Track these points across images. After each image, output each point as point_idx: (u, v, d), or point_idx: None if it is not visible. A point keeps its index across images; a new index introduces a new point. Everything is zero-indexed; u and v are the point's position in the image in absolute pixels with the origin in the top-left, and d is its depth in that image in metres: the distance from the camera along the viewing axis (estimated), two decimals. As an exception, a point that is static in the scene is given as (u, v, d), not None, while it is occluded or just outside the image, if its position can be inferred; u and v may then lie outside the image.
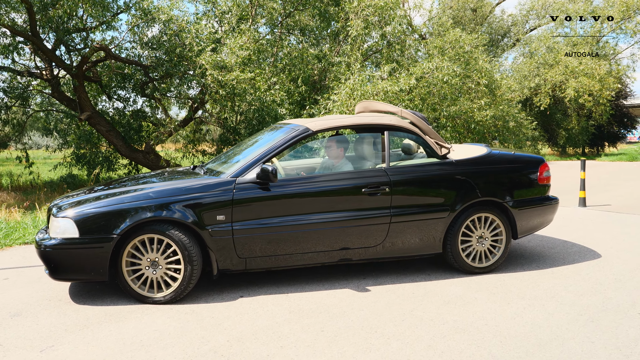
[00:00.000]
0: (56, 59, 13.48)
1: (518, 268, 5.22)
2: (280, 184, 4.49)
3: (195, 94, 15.36)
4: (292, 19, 16.83)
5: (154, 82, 14.37)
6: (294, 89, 15.91)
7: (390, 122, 4.93)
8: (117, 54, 14.11)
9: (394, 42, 15.93)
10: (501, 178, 5.07)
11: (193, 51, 13.51)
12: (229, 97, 13.65)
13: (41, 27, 13.41)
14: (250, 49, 14.07)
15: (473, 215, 4.95)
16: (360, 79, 14.23)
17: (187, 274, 4.27)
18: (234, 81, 13.17)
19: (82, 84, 13.98)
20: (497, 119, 17.45)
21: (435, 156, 4.98)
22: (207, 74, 13.09)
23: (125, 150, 14.47)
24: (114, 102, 15.67)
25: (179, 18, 14.05)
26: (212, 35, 14.46)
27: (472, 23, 24.56)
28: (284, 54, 16.49)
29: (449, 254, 4.94)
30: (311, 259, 4.63)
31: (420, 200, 4.79)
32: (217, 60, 13.30)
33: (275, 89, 14.42)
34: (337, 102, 14.32)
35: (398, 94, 14.57)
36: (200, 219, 4.28)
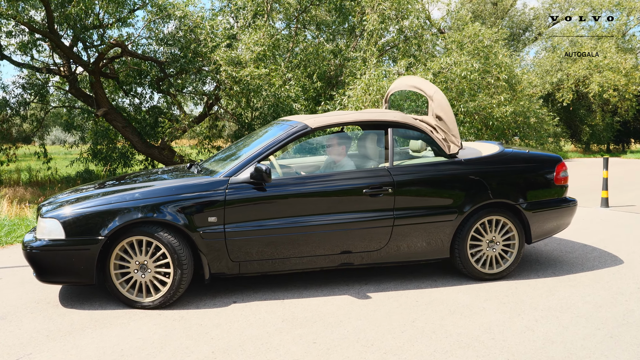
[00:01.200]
0: (73, 56, 13.43)
1: (532, 274, 4.85)
2: (276, 184, 4.21)
3: (210, 90, 15.20)
4: (308, 14, 16.52)
5: (169, 78, 14.24)
6: (309, 84, 15.62)
7: (394, 118, 4.60)
8: (133, 51, 14.01)
9: (411, 36, 15.50)
10: (514, 178, 4.71)
11: (208, 47, 13.32)
12: (243, 93, 13.45)
13: (59, 25, 13.37)
14: (265, 44, 13.82)
15: (483, 218, 4.60)
16: (376, 74, 13.87)
17: (176, 279, 4.02)
18: (248, 77, 12.96)
19: (99, 80, 13.91)
20: (517, 115, 16.90)
21: (443, 155, 4.64)
22: (222, 70, 12.90)
23: (141, 146, 14.38)
24: (131, 98, 15.60)
25: (194, 14, 13.88)
26: (227, 31, 14.26)
27: (492, 17, 23.88)
28: (300, 50, 16.19)
29: (457, 259, 4.61)
30: (310, 263, 4.35)
31: (425, 201, 4.46)
32: (232, 57, 13.10)
33: (290, 85, 14.15)
34: (352, 97, 13.99)
35: (415, 89, 14.15)
36: (190, 221, 4.03)
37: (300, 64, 15.79)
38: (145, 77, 14.67)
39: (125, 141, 14.88)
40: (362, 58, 15.06)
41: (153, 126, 14.98)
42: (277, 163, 4.55)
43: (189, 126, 13.71)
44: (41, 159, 14.24)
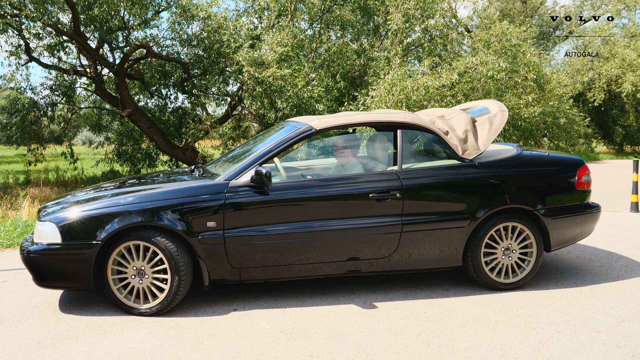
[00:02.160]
0: (99, 57, 13.50)
1: (552, 284, 4.55)
2: (278, 188, 4.02)
3: (234, 90, 15.13)
4: (332, 14, 16.32)
5: (193, 79, 14.22)
6: (332, 84, 15.42)
7: (404, 119, 4.36)
8: (157, 52, 14.03)
9: (437, 35, 15.14)
10: (532, 183, 4.41)
11: (231, 48, 13.25)
12: (266, 93, 13.34)
13: (85, 27, 13.47)
14: (288, 45, 13.68)
15: (498, 225, 4.32)
16: (400, 73, 13.57)
17: (173, 285, 3.86)
18: (271, 78, 12.84)
19: (124, 81, 13.96)
20: (546, 115, 16.37)
21: (456, 158, 4.37)
22: (244, 71, 12.81)
23: (165, 146, 14.38)
24: (155, 99, 15.64)
25: (217, 15, 13.83)
26: (250, 32, 14.17)
27: (521, 15, 23.21)
28: (324, 50, 16.00)
29: (470, 267, 4.34)
30: (314, 271, 4.14)
31: (436, 207, 4.20)
32: (254, 57, 13.00)
33: (313, 85, 13.98)
34: (375, 98, 13.74)
35: (440, 89, 13.83)
36: (188, 226, 3.87)
37: (323, 64, 15.59)
38: (170, 78, 14.69)
39: (150, 142, 14.91)
40: (385, 58, 14.78)
41: (177, 127, 14.98)
42: (281, 166, 4.35)
43: (212, 127, 13.65)
44: (68, 159, 14.36)
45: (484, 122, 4.52)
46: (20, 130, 13.45)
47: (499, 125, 4.47)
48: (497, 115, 4.53)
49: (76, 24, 12.63)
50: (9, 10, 11.37)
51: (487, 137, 4.43)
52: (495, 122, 4.49)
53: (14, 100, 13.89)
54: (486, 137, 4.44)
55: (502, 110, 4.60)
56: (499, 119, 4.50)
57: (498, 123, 4.48)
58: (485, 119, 4.54)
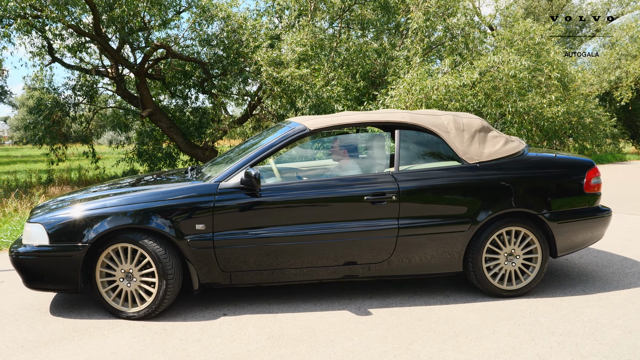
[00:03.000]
0: (119, 57, 13.61)
1: (558, 292, 4.31)
2: (269, 190, 3.89)
3: (253, 90, 15.09)
4: (352, 13, 16.15)
5: (212, 79, 14.23)
6: (352, 84, 15.24)
7: (402, 119, 4.18)
8: (177, 52, 14.07)
9: (458, 34, 14.82)
10: (537, 185, 4.18)
11: (249, 47, 13.21)
12: (285, 92, 13.27)
13: (106, 27, 13.59)
14: (307, 44, 13.57)
15: (501, 229, 4.11)
16: (419, 73, 13.31)
17: (161, 289, 3.77)
18: (289, 77, 12.75)
19: (144, 81, 14.04)
20: (571, 115, 15.87)
21: (457, 159, 4.18)
22: (262, 71, 12.75)
23: (185, 146, 14.43)
24: (177, 99, 15.71)
25: (237, 15, 13.81)
26: (270, 32, 14.11)
27: (546, 13, 22.61)
28: (344, 49, 15.84)
29: (471, 273, 4.14)
30: (309, 275, 4.00)
31: (434, 210, 4.01)
32: (273, 57, 12.93)
33: (332, 85, 13.83)
34: (394, 97, 13.51)
35: (460, 88, 13.52)
36: (177, 228, 3.77)
37: (343, 63, 15.43)
38: (190, 78, 14.73)
39: (170, 141, 14.99)
40: (405, 57, 14.53)
41: (197, 127, 15.02)
42: (275, 167, 4.23)
43: (230, 127, 13.63)
44: (90, 158, 14.53)
45: (500, 139, 4.30)
46: (43, 129, 13.66)
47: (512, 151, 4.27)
48: (517, 145, 4.33)
49: (97, 24, 12.74)
50: (30, 11, 11.51)
51: (494, 152, 4.21)
52: (511, 147, 4.27)
53: (38, 101, 14.11)
54: (494, 152, 4.21)
55: (522, 143, 4.43)
56: (516, 147, 4.30)
57: (512, 149, 4.27)
58: (504, 137, 4.32)
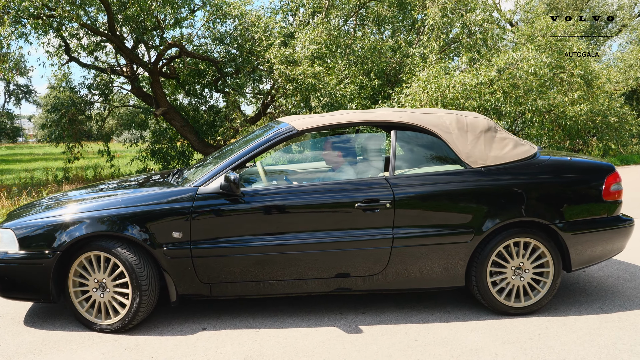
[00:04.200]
0: (133, 56, 13.45)
1: (572, 309, 3.87)
2: (251, 195, 3.54)
3: (267, 89, 14.81)
4: (368, 9, 15.73)
5: (225, 77, 13.99)
6: (366, 82, 14.82)
7: (399, 118, 3.79)
8: (190, 51, 13.86)
9: (476, 30, 14.28)
10: (549, 192, 3.75)
11: (262, 45, 12.93)
12: (299, 91, 12.95)
13: (122, 26, 13.46)
14: (321, 42, 13.22)
15: (508, 240, 3.69)
16: (435, 70, 12.84)
17: (135, 301, 3.46)
18: (302, 75, 12.43)
19: (158, 80, 13.87)
20: (595, 114, 15.17)
21: (459, 163, 3.77)
22: (275, 69, 12.46)
23: (198, 145, 14.22)
24: (191, 98, 15.52)
25: (250, 13, 13.54)
26: (283, 29, 13.80)
27: (570, 8, 21.77)
28: (357, 47, 15.43)
29: (475, 288, 3.73)
30: (296, 288, 3.65)
31: (433, 219, 3.62)
32: (285, 55, 12.63)
33: (345, 83, 13.45)
34: (409, 95, 13.06)
35: (478, 86, 13.00)
36: (152, 236, 3.45)
37: (357, 61, 15.03)
38: (204, 77, 14.52)
39: (184, 140, 14.80)
40: (420, 54, 14.06)
41: (211, 125, 14.81)
42: (262, 170, 3.88)
43: (241, 125, 13.35)
44: (105, 156, 14.43)
45: (509, 141, 3.87)
46: (59, 128, 13.60)
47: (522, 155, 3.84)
48: (527, 149, 3.90)
49: (111, 23, 12.59)
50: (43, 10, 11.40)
51: (501, 155, 3.79)
52: (521, 151, 3.84)
53: (55, 99, 14.05)
54: (501, 155, 3.79)
55: (533, 147, 3.99)
56: (526, 151, 3.87)
57: (522, 153, 3.84)
58: (513, 140, 3.89)
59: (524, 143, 3.96)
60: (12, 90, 36.97)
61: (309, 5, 15.17)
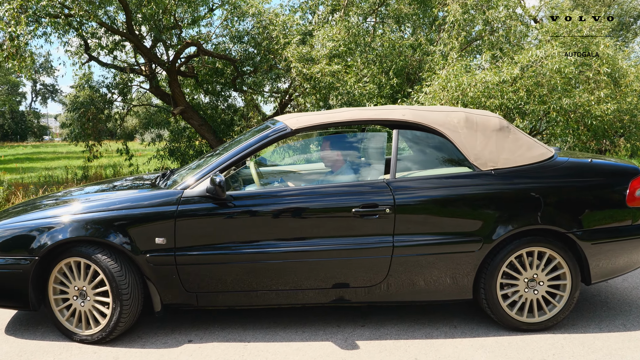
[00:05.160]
0: (151, 55, 13.37)
1: (592, 325, 3.50)
2: (239, 199, 3.27)
3: (285, 87, 14.59)
4: (388, 7, 15.36)
5: (243, 76, 13.81)
6: (385, 81, 14.46)
7: (402, 116, 3.47)
8: (208, 50, 13.72)
9: (499, 27, 13.79)
10: (566, 197, 3.39)
11: (280, 44, 12.71)
12: (316, 89, 12.70)
13: (142, 25, 13.41)
14: (339, 40, 12.94)
15: (520, 250, 3.35)
16: (455, 68, 12.41)
17: (116, 311, 3.22)
18: (319, 74, 12.17)
19: (176, 79, 13.76)
20: (622, 113, 14.51)
21: (467, 165, 3.44)
22: (292, 67, 12.22)
23: (216, 144, 14.06)
24: (210, 97, 15.40)
25: (267, 11, 13.34)
26: (300, 28, 13.57)
27: (597, 4, 20.98)
28: (376, 44, 15.09)
29: (484, 301, 3.40)
30: (289, 298, 3.37)
31: (437, 226, 3.30)
32: (303, 53, 12.38)
33: (364, 82, 13.14)
34: (428, 94, 12.67)
35: (500, 85, 12.52)
36: (134, 242, 3.21)
37: (376, 59, 14.68)
38: (222, 76, 14.38)
39: (202, 139, 14.68)
40: (440, 52, 13.64)
41: (229, 124, 14.66)
42: (256, 172, 3.61)
43: (257, 124, 13.14)
44: (124, 155, 14.39)
45: (523, 142, 3.52)
46: (79, 127, 13.62)
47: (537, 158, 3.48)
48: (544, 152, 3.54)
49: (129, 22, 12.52)
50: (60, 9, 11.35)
51: (514, 157, 3.44)
52: (536, 153, 3.49)
53: (74, 98, 14.07)
54: (514, 157, 3.44)
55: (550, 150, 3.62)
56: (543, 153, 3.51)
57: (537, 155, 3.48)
58: (528, 141, 3.54)
59: (540, 145, 3.60)
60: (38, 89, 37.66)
61: (328, 3, 14.90)
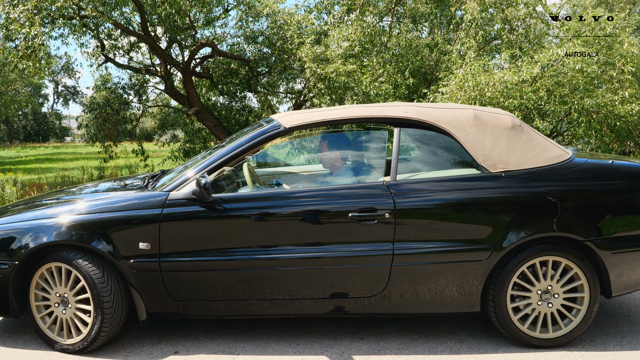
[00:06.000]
0: (166, 56, 13.29)
1: (612, 342, 3.19)
2: (226, 201, 3.04)
3: (299, 88, 14.40)
4: (404, 6, 15.06)
5: (257, 77, 13.66)
6: (401, 81, 14.15)
7: (404, 114, 3.20)
8: (222, 50, 13.60)
9: (518, 26, 13.38)
10: (584, 201, 3.08)
11: (294, 43, 12.52)
12: (331, 90, 12.47)
13: (158, 26, 13.36)
14: (354, 39, 12.70)
15: (533, 259, 3.05)
16: (472, 68, 12.05)
17: (97, 320, 3.02)
18: (334, 74, 11.94)
19: (190, 79, 13.68)
20: (649, 113, 13.95)
21: (475, 166, 3.16)
22: (306, 67, 12.02)
23: (230, 145, 13.95)
24: (225, 97, 15.28)
25: (282, 10, 13.17)
26: (315, 27, 13.37)
27: (622, 2, 20.30)
28: (392, 44, 14.80)
29: (492, 314, 3.11)
30: (284, 309, 3.13)
31: (441, 233, 3.02)
32: (317, 53, 12.17)
33: (379, 82, 12.86)
34: (445, 94, 12.33)
35: (519, 85, 12.12)
36: (116, 247, 3.01)
37: (392, 59, 14.38)
38: (236, 76, 14.25)
39: (217, 140, 14.56)
40: (457, 51, 13.28)
41: (243, 125, 14.52)
42: (249, 174, 3.37)
43: (268, 125, 12.97)
44: (139, 156, 14.35)
45: (537, 142, 3.22)
46: (95, 127, 13.62)
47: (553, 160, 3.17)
48: (560, 153, 3.23)
49: (144, 23, 12.45)
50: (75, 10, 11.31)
51: (527, 159, 3.14)
52: (552, 154, 3.18)
53: (91, 99, 14.08)
54: (526, 159, 3.14)
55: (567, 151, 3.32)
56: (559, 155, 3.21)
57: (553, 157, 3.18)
58: (543, 141, 3.24)
59: (557, 146, 3.30)
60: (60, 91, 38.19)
61: (344, 3, 14.66)
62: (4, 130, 39.20)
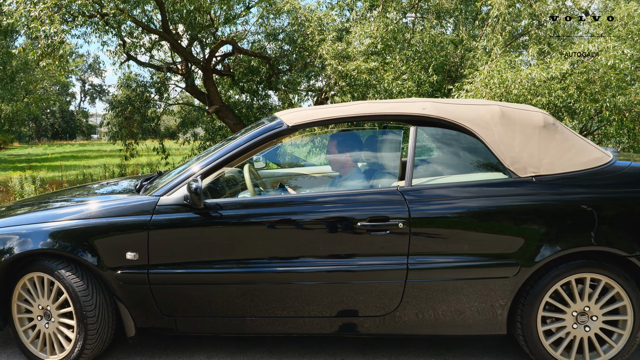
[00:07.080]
0: (186, 53, 13.11)
1: (659, 371, 2.76)
2: (225, 207, 2.72)
3: (320, 86, 14.08)
4: (428, 2, 14.58)
5: (278, 74, 13.38)
6: (425, 78, 13.69)
7: (422, 111, 2.82)
8: (243, 48, 13.36)
9: (547, 21, 12.78)
10: (628, 211, 2.66)
11: (315, 40, 12.21)
12: (352, 87, 12.12)
13: (174, 24, 13.18)
14: (376, 36, 12.31)
15: (568, 276, 2.65)
16: (498, 64, 11.52)
17: (80, 335, 2.73)
18: (355, 71, 11.58)
19: (211, 77, 13.47)
20: (684, 112, 13.21)
21: (501, 169, 2.76)
22: (327, 64, 11.69)
23: (251, 143, 13.71)
24: (246, 95, 15.05)
25: (302, 7, 12.87)
26: (336, 24, 13.03)
27: (656, -4, 19.37)
28: (416, 40, 14.34)
29: (521, 338, 2.72)
30: (286, 327, 2.80)
31: (462, 245, 2.64)
32: (338, 50, 11.83)
33: (402, 79, 12.44)
34: (470, 92, 11.83)
35: (547, 82, 11.55)
36: (101, 257, 2.71)
37: (415, 56, 13.94)
38: (257, 74, 14.01)
39: (237, 138, 14.37)
40: (483, 47, 12.75)
41: (263, 123, 14.28)
42: (249, 177, 3.04)
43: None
44: (159, 154, 14.21)
45: (572, 143, 2.80)
46: (116, 125, 13.55)
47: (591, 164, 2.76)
48: (600, 156, 2.81)
49: (164, 21, 12.29)
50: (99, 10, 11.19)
51: (561, 162, 2.73)
52: (589, 157, 2.77)
53: (113, 98, 14.01)
54: (561, 162, 2.73)
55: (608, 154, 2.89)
56: (598, 158, 2.79)
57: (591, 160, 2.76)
58: (579, 142, 2.83)
59: (595, 147, 2.88)
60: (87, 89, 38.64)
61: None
62: (33, 128, 39.97)
